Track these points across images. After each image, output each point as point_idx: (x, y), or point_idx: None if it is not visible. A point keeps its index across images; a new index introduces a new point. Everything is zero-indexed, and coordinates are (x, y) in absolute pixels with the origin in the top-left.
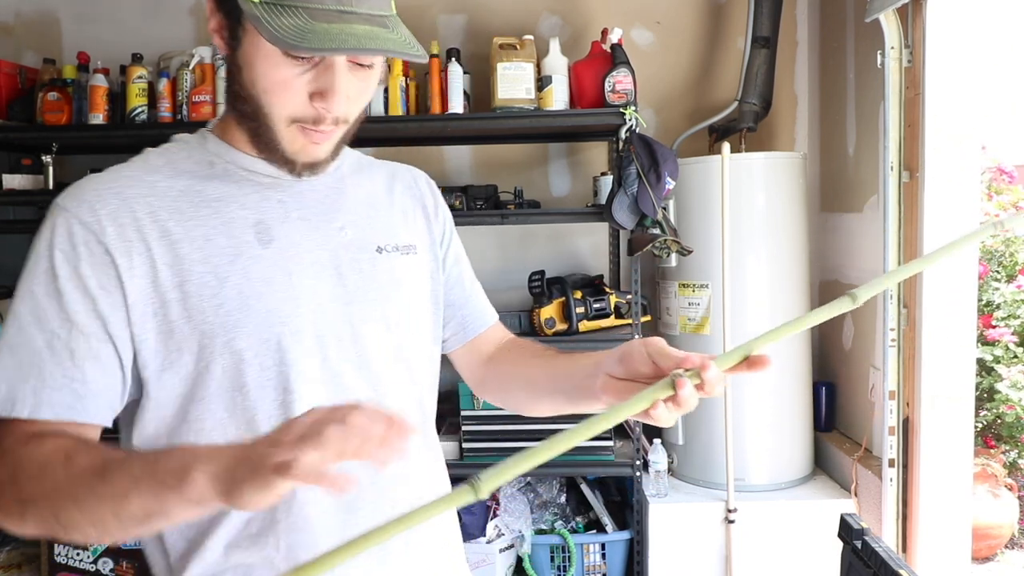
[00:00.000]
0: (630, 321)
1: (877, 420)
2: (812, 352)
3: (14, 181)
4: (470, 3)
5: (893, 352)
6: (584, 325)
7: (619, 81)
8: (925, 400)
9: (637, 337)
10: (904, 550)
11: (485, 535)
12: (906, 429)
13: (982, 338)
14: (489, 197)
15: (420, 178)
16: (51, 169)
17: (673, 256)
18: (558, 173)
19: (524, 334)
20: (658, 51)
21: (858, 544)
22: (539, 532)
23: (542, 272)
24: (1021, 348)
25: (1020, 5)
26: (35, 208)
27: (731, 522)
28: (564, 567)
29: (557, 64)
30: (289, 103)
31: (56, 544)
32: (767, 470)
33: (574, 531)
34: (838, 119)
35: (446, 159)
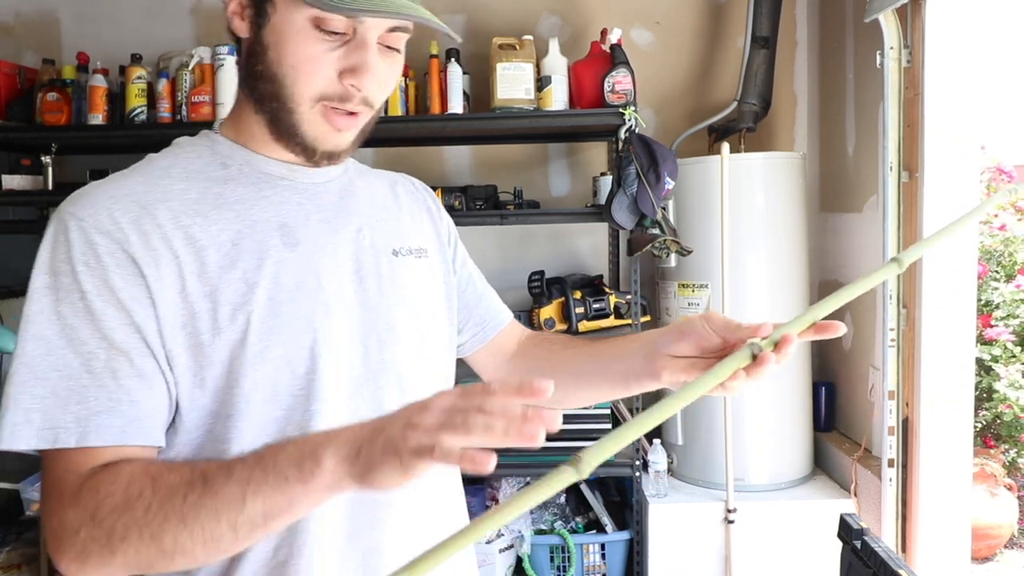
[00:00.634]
0: (629, 321)
1: (877, 420)
2: (812, 352)
3: (13, 182)
4: (470, 3)
5: (892, 352)
6: (584, 325)
7: (618, 81)
8: (924, 400)
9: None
10: (904, 550)
11: (485, 535)
12: (905, 429)
13: (980, 337)
14: (489, 197)
15: (417, 183)
16: (50, 169)
17: (673, 256)
18: (558, 173)
19: None
20: (658, 51)
21: (858, 544)
22: (539, 532)
23: (542, 272)
24: (1019, 347)
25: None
26: (34, 208)
27: (731, 522)
28: (564, 567)
29: (556, 64)
30: (317, 80)
31: None
32: (767, 470)
33: (574, 531)
34: (837, 119)
35: (445, 159)
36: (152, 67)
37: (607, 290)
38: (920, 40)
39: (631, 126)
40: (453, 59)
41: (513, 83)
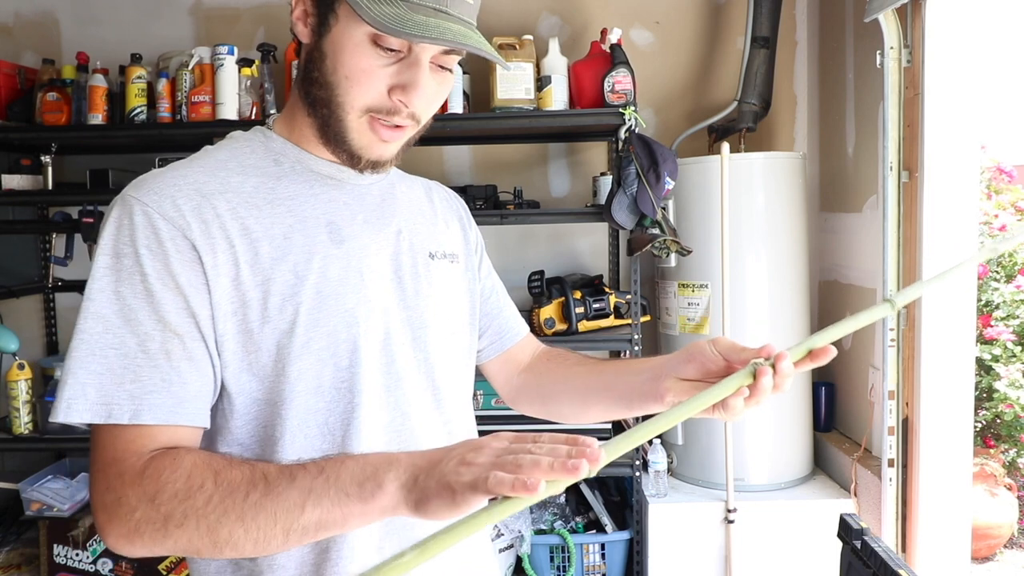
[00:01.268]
0: (629, 321)
1: (876, 420)
2: None
3: (13, 181)
4: None
5: (892, 352)
6: (583, 325)
7: (618, 81)
8: (924, 400)
9: (638, 336)
10: (904, 550)
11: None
12: (905, 429)
13: (980, 337)
14: (488, 197)
15: (451, 192)
16: (50, 169)
17: (672, 256)
18: (557, 173)
19: None
20: (657, 51)
21: (857, 544)
22: (539, 532)
23: (541, 272)
24: (1019, 347)
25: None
26: (34, 208)
27: (731, 522)
28: (564, 567)
29: (556, 64)
30: (368, 92)
31: (56, 544)
32: (767, 470)
33: (574, 531)
34: (837, 119)
35: (445, 159)
36: (152, 67)
37: (607, 290)
38: (920, 40)
39: (631, 126)
40: None
41: (513, 83)
